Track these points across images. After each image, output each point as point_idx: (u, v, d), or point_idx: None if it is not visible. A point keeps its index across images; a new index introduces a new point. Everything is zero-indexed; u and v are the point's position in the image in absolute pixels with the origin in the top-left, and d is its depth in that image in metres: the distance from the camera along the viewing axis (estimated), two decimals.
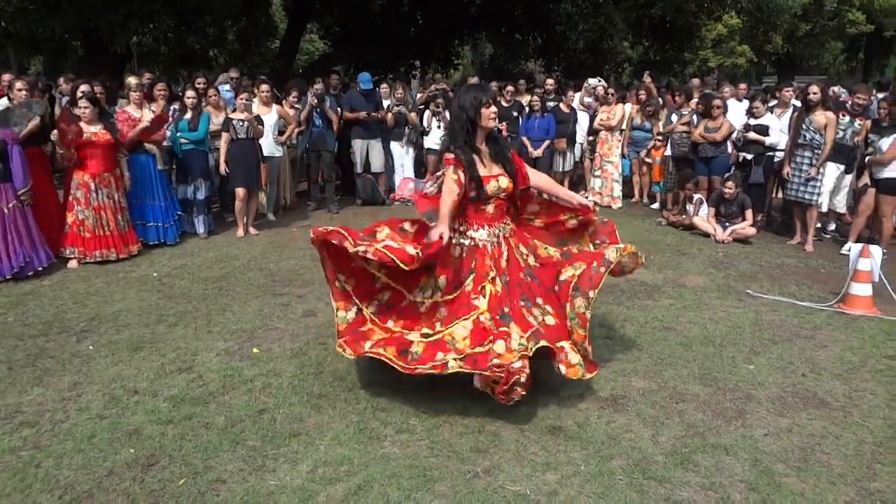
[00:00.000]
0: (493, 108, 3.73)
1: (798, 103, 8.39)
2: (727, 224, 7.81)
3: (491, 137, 3.84)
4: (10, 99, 6.93)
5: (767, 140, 7.96)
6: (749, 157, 8.11)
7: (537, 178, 4.11)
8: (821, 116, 7.29)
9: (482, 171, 3.72)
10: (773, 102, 8.91)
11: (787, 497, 3.01)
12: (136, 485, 3.05)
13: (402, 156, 9.79)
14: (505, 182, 3.77)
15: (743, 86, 10.25)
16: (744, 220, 7.74)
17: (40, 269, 6.15)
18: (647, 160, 9.69)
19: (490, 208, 3.80)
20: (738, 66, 34.08)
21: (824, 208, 7.87)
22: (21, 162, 6.05)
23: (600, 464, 3.24)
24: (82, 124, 6.43)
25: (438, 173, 3.94)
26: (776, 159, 8.14)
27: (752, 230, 7.76)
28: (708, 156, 8.39)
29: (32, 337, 4.78)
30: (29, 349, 4.57)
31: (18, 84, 6.85)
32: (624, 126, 9.77)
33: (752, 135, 8.00)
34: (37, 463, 3.22)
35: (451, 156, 3.70)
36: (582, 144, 10.43)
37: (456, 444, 3.40)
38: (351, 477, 3.11)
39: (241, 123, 7.67)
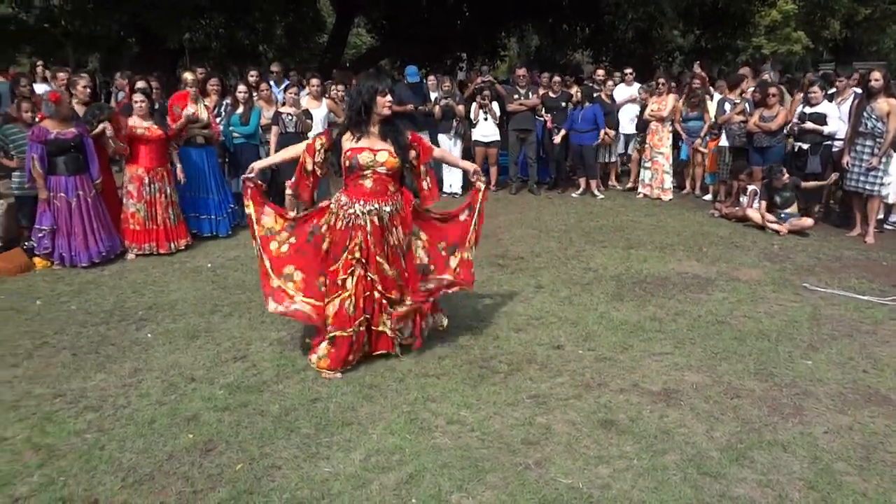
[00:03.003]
0: (389, 98, 4.01)
1: (859, 90, 8.09)
2: (783, 214, 7.60)
3: (386, 121, 4.07)
4: (71, 95, 7.16)
5: (825, 129, 7.72)
6: (805, 146, 7.87)
7: (438, 152, 4.52)
8: (883, 103, 7.03)
9: (363, 145, 4.00)
10: (831, 90, 8.62)
11: (849, 496, 2.93)
12: (195, 469, 3.14)
13: (450, 148, 9.78)
14: (384, 157, 4.00)
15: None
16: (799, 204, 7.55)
17: (119, 251, 6.62)
18: (703, 149, 9.42)
19: (368, 182, 4.02)
20: (794, 53, 33.04)
21: (892, 199, 7.58)
22: (94, 154, 6.41)
23: (653, 458, 3.20)
24: (136, 118, 6.62)
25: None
26: (834, 149, 7.89)
27: (810, 221, 7.55)
28: (763, 145, 8.17)
29: (95, 325, 4.95)
30: (91, 336, 4.74)
31: (82, 83, 7.08)
32: (674, 116, 9.57)
33: (809, 124, 7.76)
34: (101, 446, 3.33)
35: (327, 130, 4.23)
36: (631, 136, 10.25)
37: (507, 435, 3.40)
38: (403, 466, 3.14)
39: (289, 117, 7.78)
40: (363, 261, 4.05)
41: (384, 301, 4.16)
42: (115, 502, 2.91)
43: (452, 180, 9.92)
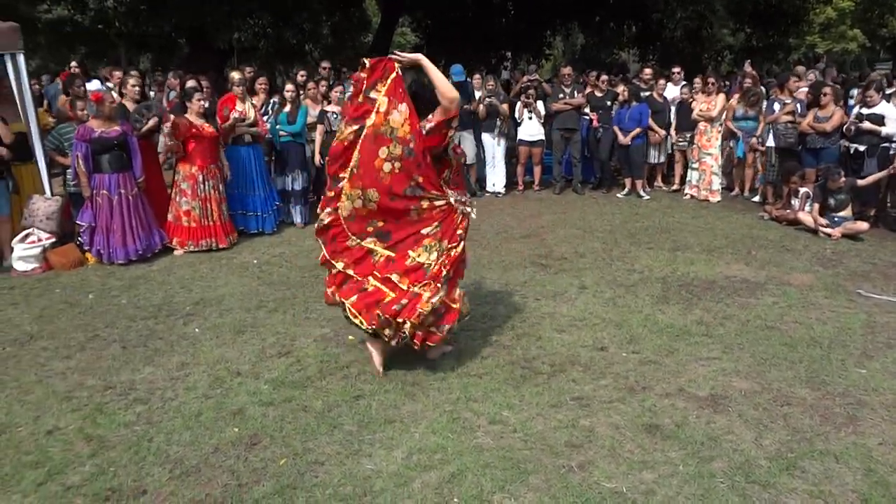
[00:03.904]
0: None
1: None
2: (837, 218, 7.37)
3: None
4: (122, 94, 7.35)
5: (883, 130, 7.47)
6: (861, 148, 7.63)
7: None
8: None
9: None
10: (890, 90, 8.33)
11: None
12: (240, 462, 3.19)
13: (494, 147, 9.76)
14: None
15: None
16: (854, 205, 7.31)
17: (157, 250, 6.69)
18: (761, 147, 9.12)
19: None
20: (849, 52, 32.08)
21: None
22: (137, 152, 6.54)
23: (699, 465, 3.13)
24: (192, 117, 6.75)
25: None
26: (892, 151, 7.63)
27: (864, 225, 7.29)
28: (817, 147, 7.94)
29: (144, 319, 5.07)
30: (140, 330, 4.85)
31: (132, 81, 7.26)
32: (724, 117, 9.34)
33: (867, 125, 7.51)
34: (149, 437, 3.41)
35: None
36: (670, 136, 10.01)
37: (549, 437, 3.37)
38: (445, 465, 3.14)
39: (334, 116, 7.85)
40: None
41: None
42: (163, 493, 2.97)
43: (496, 179, 9.89)
